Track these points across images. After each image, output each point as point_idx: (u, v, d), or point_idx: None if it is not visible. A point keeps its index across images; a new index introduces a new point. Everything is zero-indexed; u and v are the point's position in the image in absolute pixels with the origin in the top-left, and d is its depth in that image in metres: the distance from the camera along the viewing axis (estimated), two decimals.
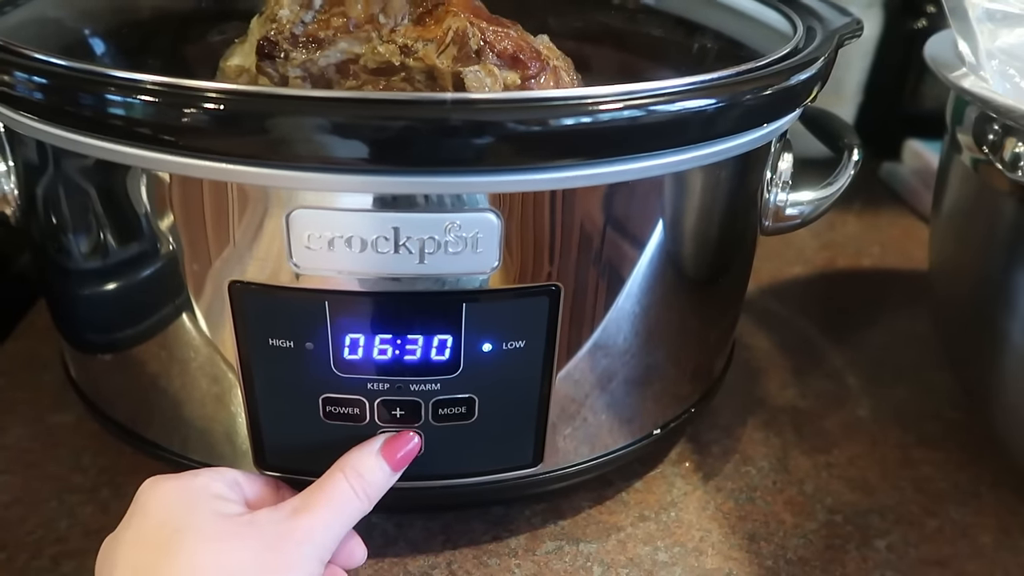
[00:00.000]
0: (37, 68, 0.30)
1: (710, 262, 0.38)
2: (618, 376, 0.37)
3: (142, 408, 0.38)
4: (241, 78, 0.39)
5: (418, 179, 0.28)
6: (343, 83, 0.37)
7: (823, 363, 0.52)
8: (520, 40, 0.36)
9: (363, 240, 0.29)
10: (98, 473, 0.41)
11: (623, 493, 0.41)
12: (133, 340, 0.36)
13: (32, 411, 0.44)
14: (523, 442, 0.36)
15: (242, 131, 0.27)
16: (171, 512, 0.29)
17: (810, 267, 0.62)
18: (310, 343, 0.31)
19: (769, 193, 0.38)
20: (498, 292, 0.31)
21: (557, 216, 0.31)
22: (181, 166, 0.29)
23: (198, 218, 0.30)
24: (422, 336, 0.31)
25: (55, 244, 0.35)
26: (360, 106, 0.27)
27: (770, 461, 0.44)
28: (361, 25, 0.37)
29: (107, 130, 0.29)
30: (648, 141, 0.30)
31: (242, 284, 0.31)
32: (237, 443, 0.36)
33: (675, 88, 0.29)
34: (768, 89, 0.31)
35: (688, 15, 0.43)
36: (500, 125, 0.27)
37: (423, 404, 0.33)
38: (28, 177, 0.35)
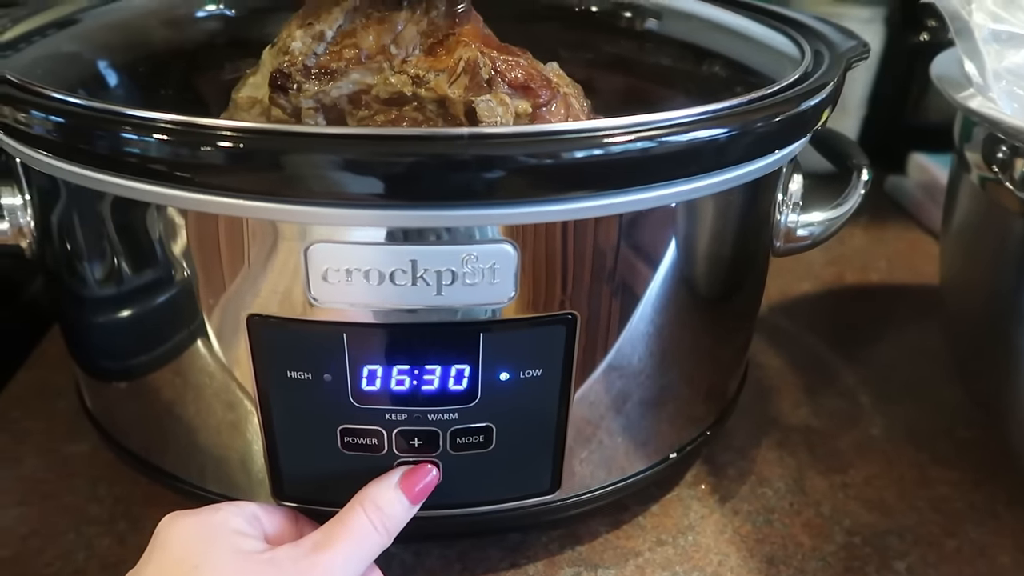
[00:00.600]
0: (53, 107, 0.30)
1: (723, 284, 0.38)
2: (634, 399, 0.37)
3: (157, 438, 0.38)
4: (254, 109, 0.39)
5: (436, 212, 0.28)
6: (355, 113, 0.38)
7: (835, 381, 0.52)
8: (530, 68, 0.37)
9: (381, 273, 0.29)
10: (114, 503, 0.41)
11: (640, 517, 0.41)
12: (149, 370, 0.36)
13: (47, 441, 0.44)
14: (541, 469, 0.36)
15: (259, 169, 0.27)
16: (190, 548, 0.29)
17: (818, 283, 0.62)
18: (328, 375, 0.31)
19: (780, 215, 0.38)
20: (515, 322, 0.31)
21: (572, 246, 0.31)
22: (198, 203, 0.29)
23: (215, 253, 0.30)
24: (439, 366, 0.32)
25: (71, 276, 0.35)
26: (377, 143, 0.27)
27: (786, 482, 0.44)
28: (373, 56, 0.37)
29: (123, 167, 0.29)
30: (661, 171, 0.30)
31: (260, 317, 0.31)
32: (254, 473, 0.36)
33: (687, 119, 0.29)
34: (779, 116, 0.32)
35: (696, 40, 0.43)
36: (516, 159, 0.27)
37: (441, 434, 0.33)
38: (44, 211, 0.35)
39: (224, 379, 0.34)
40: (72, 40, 0.41)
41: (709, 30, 0.43)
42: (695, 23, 0.44)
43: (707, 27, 0.43)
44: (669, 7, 0.45)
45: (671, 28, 0.45)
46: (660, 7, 0.45)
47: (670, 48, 0.43)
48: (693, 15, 0.44)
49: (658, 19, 0.45)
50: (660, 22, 0.45)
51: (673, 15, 0.45)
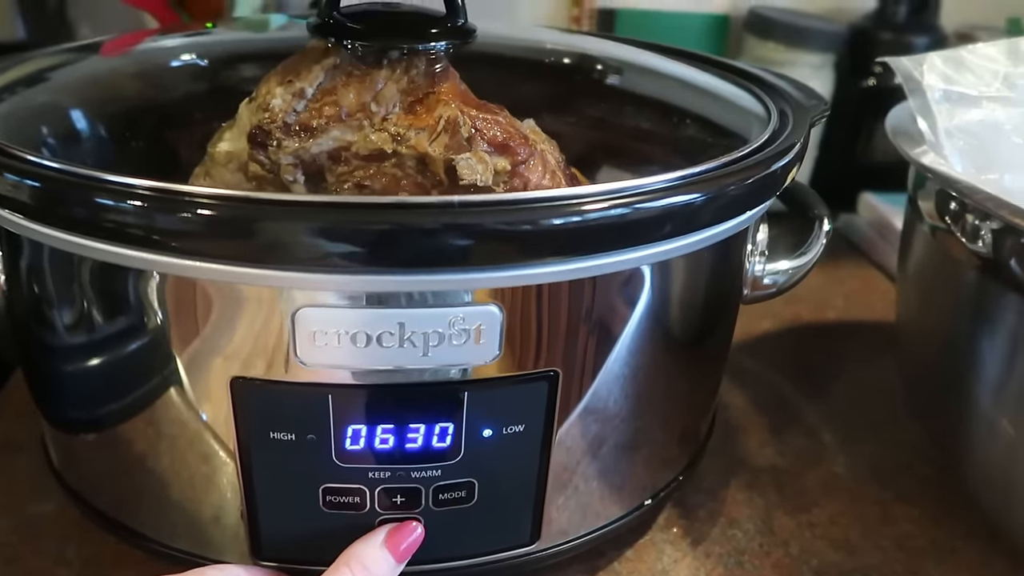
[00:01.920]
0: (28, 171, 0.30)
1: (695, 332, 0.39)
2: (613, 444, 0.37)
3: (128, 496, 0.37)
4: (231, 164, 0.39)
5: (423, 277, 0.29)
6: (335, 169, 0.38)
7: (798, 419, 0.53)
8: (508, 126, 0.38)
9: (368, 335, 0.29)
10: (83, 566, 0.40)
11: (615, 563, 0.42)
12: (124, 431, 0.35)
13: (9, 501, 0.43)
14: (521, 521, 0.36)
15: (243, 236, 0.27)
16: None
17: (778, 321, 0.64)
18: (312, 435, 0.31)
19: (748, 265, 0.40)
20: (499, 380, 0.32)
21: (552, 306, 0.32)
22: (180, 268, 0.29)
23: (198, 317, 0.30)
24: (424, 425, 0.32)
25: (42, 332, 0.35)
26: (362, 211, 0.28)
27: (755, 523, 0.45)
28: (353, 113, 0.37)
29: (100, 232, 0.29)
30: (635, 236, 0.31)
31: (244, 380, 0.31)
32: (229, 532, 0.35)
33: (661, 185, 0.30)
34: (751, 179, 0.33)
35: (663, 97, 0.45)
36: (505, 226, 0.28)
37: (423, 490, 0.33)
38: (14, 267, 0.34)
39: (202, 439, 0.33)
40: (47, 92, 0.41)
41: (676, 87, 0.45)
42: (666, 81, 0.45)
43: (674, 84, 0.45)
44: (641, 65, 0.47)
45: (644, 86, 0.46)
46: (628, 64, 0.47)
47: (638, 104, 0.45)
48: (664, 73, 0.46)
49: (626, 76, 0.47)
50: (628, 78, 0.47)
51: (645, 73, 0.46)
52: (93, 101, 0.42)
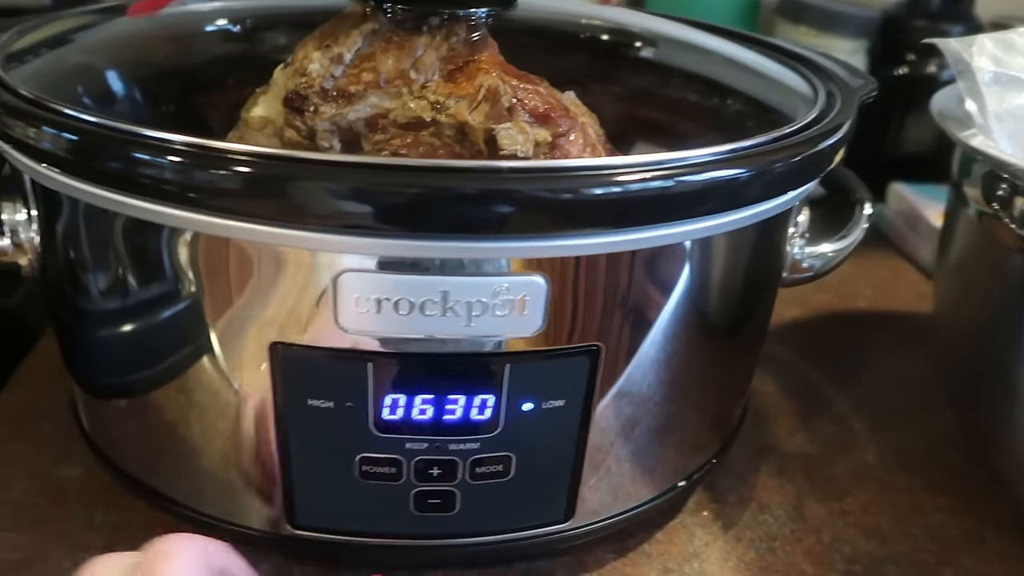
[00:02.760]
0: (66, 124, 0.29)
1: (734, 315, 0.38)
2: (648, 426, 0.37)
3: (159, 461, 0.37)
4: (266, 129, 0.38)
5: (468, 244, 0.28)
6: (371, 137, 0.37)
7: (828, 407, 0.52)
8: (549, 97, 0.37)
9: (411, 303, 0.29)
10: (112, 530, 0.39)
11: (645, 545, 0.41)
12: (157, 396, 0.35)
13: (37, 465, 0.43)
14: (556, 498, 0.35)
15: (281, 195, 0.27)
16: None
17: (807, 309, 0.63)
18: (350, 403, 0.31)
19: (790, 247, 0.39)
20: (541, 353, 0.31)
21: (597, 279, 0.31)
22: (218, 227, 0.29)
23: (238, 279, 0.30)
24: (463, 396, 0.31)
25: (76, 294, 0.35)
26: (412, 174, 0.27)
27: (786, 509, 0.44)
28: (392, 80, 0.37)
29: (141, 188, 0.29)
30: (678, 209, 0.30)
31: (284, 345, 0.30)
32: (263, 499, 0.35)
33: (708, 158, 0.30)
34: (797, 157, 0.32)
35: (708, 73, 0.44)
36: (555, 193, 0.27)
37: (460, 463, 0.33)
38: (50, 227, 0.34)
39: (237, 404, 0.33)
40: (78, 52, 0.40)
41: (717, 64, 0.44)
42: (707, 57, 0.44)
43: (715, 61, 0.44)
44: (682, 40, 0.46)
45: (684, 61, 0.45)
46: (674, 39, 0.46)
47: (683, 80, 0.44)
48: (706, 49, 0.45)
49: (667, 51, 0.46)
50: (673, 54, 0.46)
51: (686, 48, 0.46)
52: (123, 64, 0.41)
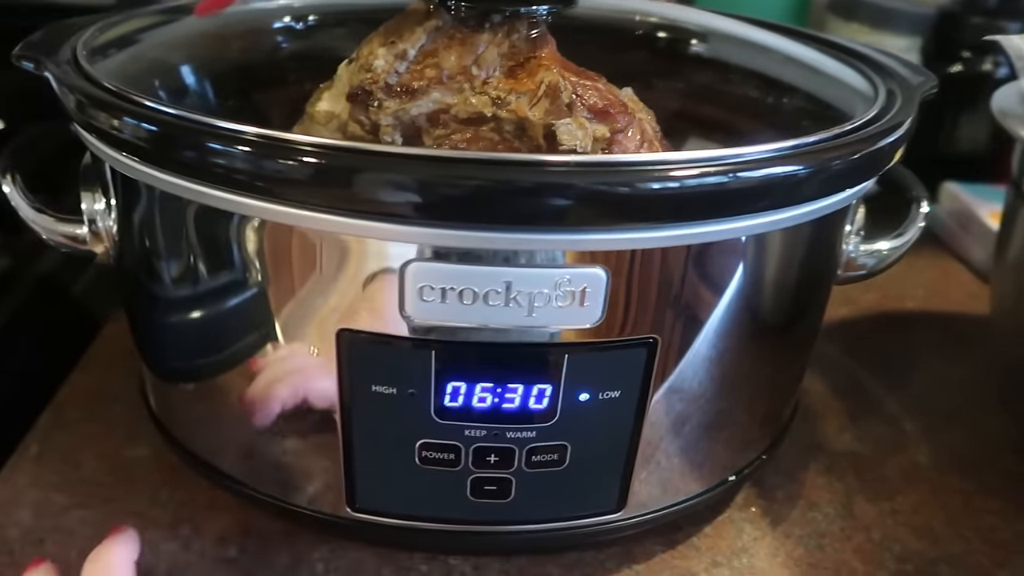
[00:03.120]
0: (147, 115, 0.31)
1: (788, 312, 0.38)
2: (698, 422, 0.37)
3: (223, 442, 0.39)
4: (331, 124, 0.39)
5: (533, 236, 0.29)
6: (432, 131, 0.38)
7: (878, 407, 0.52)
8: (608, 94, 0.37)
9: (475, 293, 0.30)
10: (177, 508, 0.41)
11: (694, 538, 0.42)
12: (224, 378, 0.36)
13: (106, 445, 0.44)
14: (609, 488, 0.36)
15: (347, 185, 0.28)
16: None
17: (856, 308, 0.63)
18: (413, 390, 0.32)
19: (846, 245, 0.39)
20: (600, 344, 0.32)
21: (655, 272, 0.31)
22: (287, 216, 0.30)
23: (306, 267, 0.31)
24: (522, 385, 0.32)
25: (149, 280, 0.36)
26: (480, 167, 0.28)
27: (835, 507, 0.44)
28: (454, 76, 0.38)
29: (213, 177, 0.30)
30: (739, 205, 0.31)
31: (351, 332, 0.31)
32: (324, 482, 0.36)
33: (767, 154, 0.30)
34: (857, 154, 0.32)
35: (766, 71, 0.44)
36: (612, 186, 0.27)
37: (517, 451, 0.33)
38: (127, 215, 0.35)
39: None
40: (151, 49, 0.42)
41: (778, 61, 0.44)
42: (764, 53, 0.44)
43: (776, 58, 0.44)
44: (738, 36, 0.46)
45: (740, 57, 0.45)
46: (730, 36, 0.46)
47: (739, 78, 0.44)
48: (762, 45, 0.45)
49: (727, 48, 0.46)
50: (729, 51, 0.46)
51: (742, 45, 0.46)
52: (191, 60, 0.42)
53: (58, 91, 0.33)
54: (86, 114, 0.32)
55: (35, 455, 0.43)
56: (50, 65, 0.34)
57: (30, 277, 0.54)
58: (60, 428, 0.45)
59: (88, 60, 0.35)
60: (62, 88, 0.33)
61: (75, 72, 0.34)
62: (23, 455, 0.43)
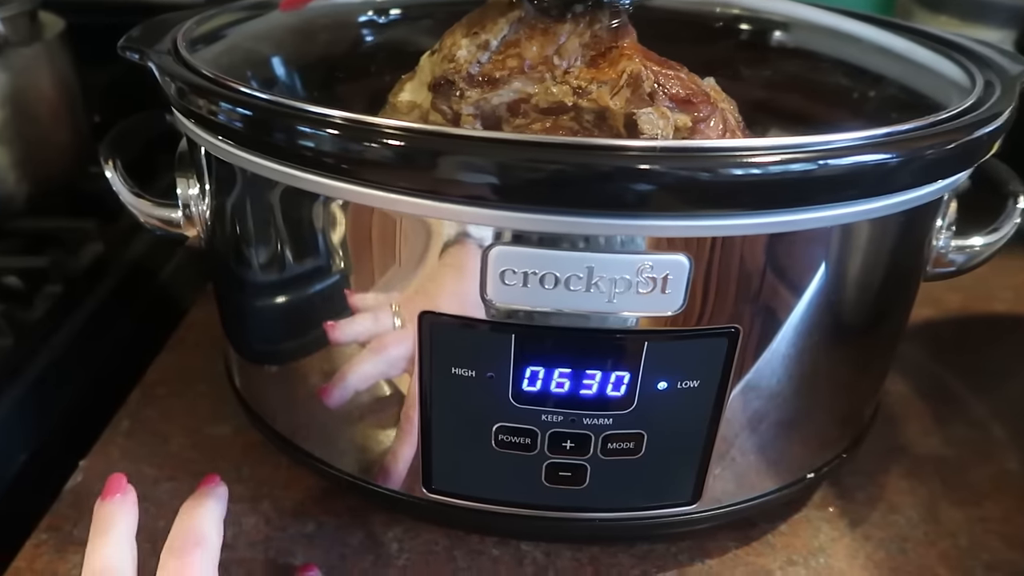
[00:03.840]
0: (242, 101, 0.32)
1: (872, 305, 0.37)
2: (777, 417, 0.37)
3: (304, 421, 0.40)
4: (413, 113, 0.40)
5: (616, 222, 0.29)
6: (512, 121, 0.39)
7: (964, 411, 0.50)
8: (690, 83, 0.37)
9: (557, 277, 0.30)
10: (257, 485, 0.42)
11: (768, 535, 0.41)
12: (307, 360, 0.37)
13: (191, 421, 0.46)
14: (684, 480, 0.36)
15: (431, 168, 0.28)
16: None
17: (940, 309, 0.61)
18: (492, 373, 0.32)
19: (936, 241, 0.38)
20: (680, 332, 0.31)
21: (738, 260, 0.31)
22: (375, 199, 0.30)
23: (390, 250, 0.32)
24: (600, 372, 0.32)
25: (238, 262, 0.37)
26: (567, 152, 0.28)
27: (918, 511, 0.43)
28: (535, 66, 0.38)
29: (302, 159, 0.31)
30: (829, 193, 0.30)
31: (433, 315, 0.32)
32: (402, 462, 0.37)
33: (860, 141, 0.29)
34: (952, 144, 0.31)
35: (854, 60, 0.43)
36: (706, 173, 0.27)
37: (593, 437, 0.34)
38: (220, 198, 0.37)
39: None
40: (243, 40, 0.43)
41: (867, 51, 0.43)
42: (851, 43, 0.43)
43: (864, 48, 0.43)
44: (823, 25, 0.45)
45: (826, 47, 0.44)
46: (814, 25, 0.45)
47: (825, 68, 0.43)
48: (849, 34, 0.44)
49: (812, 37, 0.45)
50: (814, 40, 0.45)
51: (827, 34, 0.45)
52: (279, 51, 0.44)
53: (160, 79, 0.35)
54: (186, 100, 0.33)
55: (127, 429, 0.46)
56: (152, 55, 0.36)
57: (122, 262, 0.57)
58: (149, 405, 0.47)
59: (188, 50, 0.36)
60: (164, 76, 0.34)
61: (176, 61, 0.35)
62: (116, 429, 0.46)
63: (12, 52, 0.54)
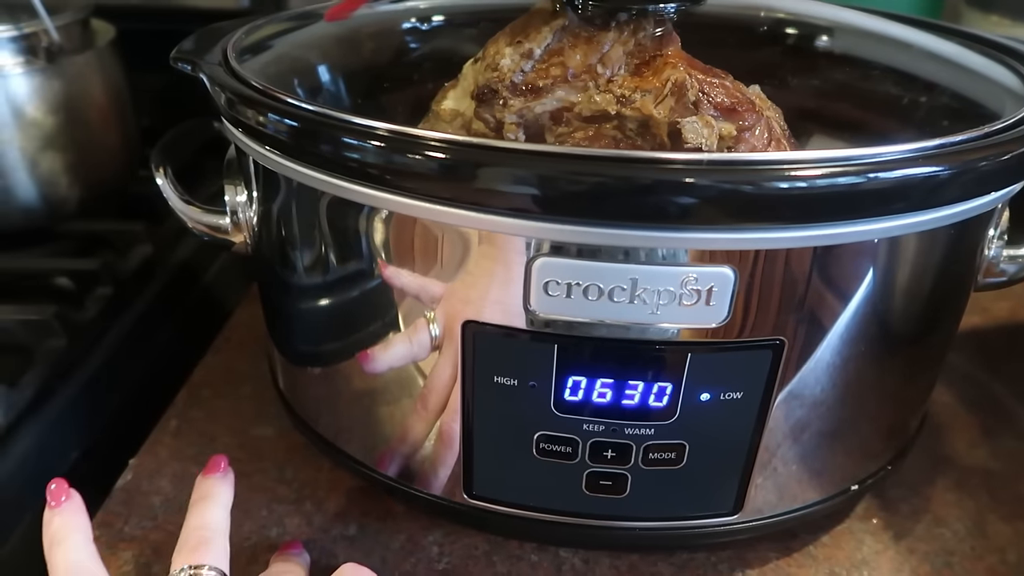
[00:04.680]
0: (289, 112, 0.32)
1: (920, 320, 0.37)
2: (819, 429, 0.36)
3: (346, 424, 0.40)
4: (455, 121, 0.41)
5: (660, 234, 0.29)
6: (555, 129, 0.39)
7: (1013, 423, 0.49)
8: (735, 91, 0.37)
9: (600, 289, 0.30)
10: (300, 487, 0.43)
11: (810, 546, 0.41)
12: (350, 363, 0.38)
13: (236, 423, 0.47)
14: (726, 490, 0.36)
15: (482, 182, 0.28)
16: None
17: (988, 317, 0.60)
18: (534, 382, 0.33)
19: (988, 251, 0.37)
20: (725, 344, 0.31)
21: (783, 273, 0.31)
22: (419, 209, 0.31)
23: (434, 260, 0.32)
24: (642, 383, 0.32)
25: (284, 268, 0.38)
26: (611, 165, 0.28)
27: (965, 524, 0.42)
28: (579, 74, 0.38)
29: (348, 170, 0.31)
30: (876, 207, 0.29)
31: (477, 324, 0.32)
32: (443, 468, 0.37)
33: (902, 155, 0.29)
34: (1006, 155, 0.30)
35: (904, 67, 0.42)
36: (750, 186, 0.27)
37: (634, 447, 0.34)
38: (267, 205, 0.37)
39: (425, 377, 0.35)
40: (290, 50, 0.44)
41: (916, 57, 0.42)
42: (900, 49, 0.42)
43: (914, 53, 0.42)
44: (871, 31, 0.44)
45: (874, 53, 0.44)
46: (862, 30, 0.45)
47: (873, 74, 0.42)
48: (897, 40, 0.43)
49: (859, 43, 0.44)
50: (862, 46, 0.44)
51: (875, 39, 0.44)
52: (325, 60, 0.44)
53: (210, 90, 0.36)
54: (235, 110, 0.34)
55: (174, 429, 0.47)
56: (204, 66, 0.37)
57: (169, 264, 0.59)
58: (196, 405, 0.49)
59: (237, 61, 0.37)
60: (214, 87, 0.35)
61: (226, 72, 0.36)
62: (164, 429, 0.47)
63: (65, 60, 0.55)
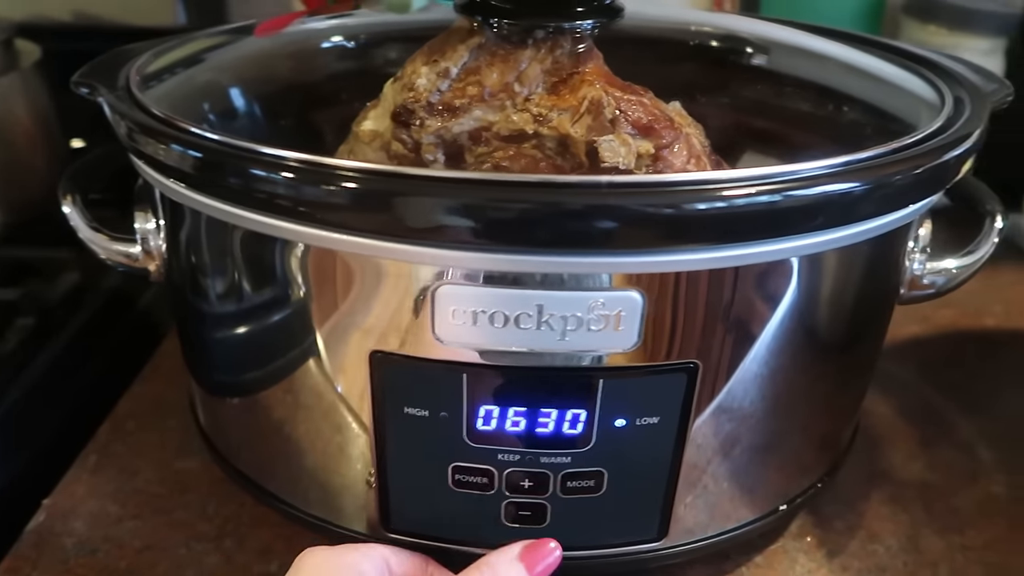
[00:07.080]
0: (191, 142, 0.31)
1: (844, 333, 0.36)
2: (748, 444, 0.36)
3: (266, 459, 0.39)
4: (374, 142, 0.40)
5: (565, 259, 0.28)
6: (474, 149, 0.38)
7: (950, 433, 0.49)
8: (653, 108, 0.36)
9: (506, 316, 0.29)
10: (223, 523, 0.42)
11: (743, 568, 0.40)
12: (265, 397, 0.37)
13: (160, 455, 0.46)
14: (649, 516, 0.35)
15: (386, 210, 0.28)
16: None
17: (928, 326, 0.60)
18: (445, 412, 0.32)
19: (909, 263, 0.37)
20: (636, 369, 0.31)
21: (696, 295, 0.30)
22: (325, 240, 0.30)
23: (341, 290, 0.31)
24: (556, 410, 0.31)
25: (196, 298, 0.37)
26: (511, 189, 0.27)
27: (899, 539, 0.42)
28: (496, 93, 0.37)
29: (252, 202, 0.30)
30: (792, 225, 0.29)
31: (383, 354, 0.31)
32: (360, 502, 0.36)
33: (817, 172, 0.28)
34: (919, 169, 0.30)
35: (821, 80, 0.42)
36: (654, 208, 0.26)
37: (552, 476, 0.33)
38: (175, 235, 0.36)
39: (338, 409, 0.34)
40: (207, 71, 0.43)
41: (833, 69, 0.42)
42: (823, 63, 0.42)
43: (836, 67, 0.42)
44: (795, 45, 0.44)
45: (797, 67, 0.43)
46: (786, 45, 0.44)
47: (796, 88, 0.42)
48: (820, 54, 0.43)
49: (784, 58, 0.44)
50: (786, 61, 0.44)
51: (799, 54, 0.44)
52: (246, 81, 0.43)
53: (110, 118, 0.34)
54: (134, 140, 0.33)
55: (93, 465, 0.45)
56: (103, 91, 0.35)
57: (100, 291, 0.57)
58: (119, 439, 0.47)
59: (140, 86, 0.36)
60: (114, 115, 0.34)
61: (126, 99, 0.35)
62: (82, 465, 0.45)
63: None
